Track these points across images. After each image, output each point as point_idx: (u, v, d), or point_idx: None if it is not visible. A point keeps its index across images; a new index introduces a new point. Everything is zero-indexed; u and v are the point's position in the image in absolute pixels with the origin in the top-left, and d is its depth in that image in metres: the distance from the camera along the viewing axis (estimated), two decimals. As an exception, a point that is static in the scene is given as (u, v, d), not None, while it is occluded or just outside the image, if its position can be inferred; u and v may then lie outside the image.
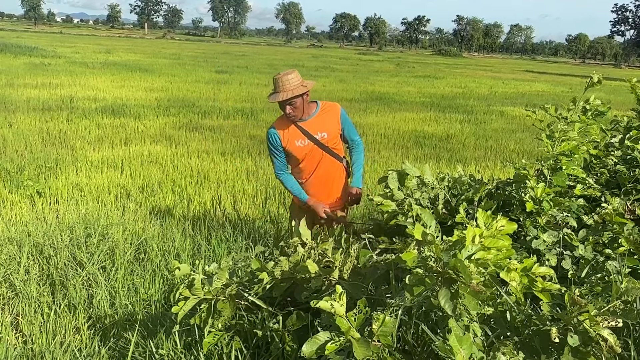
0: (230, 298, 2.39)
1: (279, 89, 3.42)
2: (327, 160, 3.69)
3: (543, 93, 25.54)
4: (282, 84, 3.40)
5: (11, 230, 4.74)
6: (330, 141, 3.65)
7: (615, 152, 3.39)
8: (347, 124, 3.73)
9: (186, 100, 15.41)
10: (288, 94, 3.39)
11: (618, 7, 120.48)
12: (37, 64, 23.87)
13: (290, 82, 3.40)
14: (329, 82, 24.33)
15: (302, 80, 3.47)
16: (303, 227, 2.62)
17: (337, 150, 3.73)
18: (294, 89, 3.40)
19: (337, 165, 3.76)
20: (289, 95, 3.39)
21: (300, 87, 3.42)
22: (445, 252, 1.81)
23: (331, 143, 3.66)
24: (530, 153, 10.44)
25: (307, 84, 3.49)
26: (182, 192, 6.62)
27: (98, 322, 3.49)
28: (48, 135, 9.64)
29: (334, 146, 3.69)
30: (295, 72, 3.47)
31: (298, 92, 3.40)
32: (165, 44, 69.60)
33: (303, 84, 3.45)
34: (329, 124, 3.63)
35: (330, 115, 3.66)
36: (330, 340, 1.84)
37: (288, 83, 3.40)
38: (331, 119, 3.65)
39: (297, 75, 3.46)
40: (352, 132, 3.77)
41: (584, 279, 2.52)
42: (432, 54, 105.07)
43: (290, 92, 3.39)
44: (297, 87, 3.41)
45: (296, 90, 3.40)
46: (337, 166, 3.76)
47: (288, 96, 3.39)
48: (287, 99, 3.40)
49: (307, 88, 3.46)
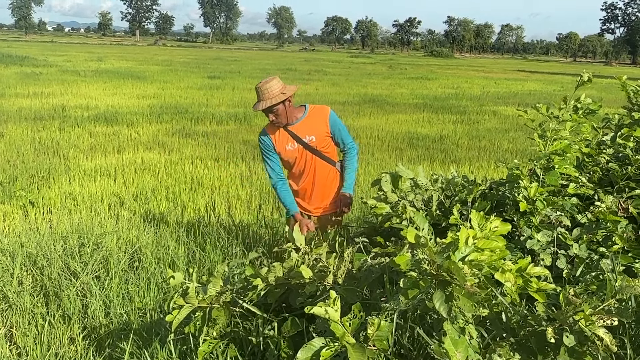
0: (225, 305, 2.37)
1: (261, 97, 3.48)
2: (319, 163, 3.69)
3: (535, 92, 25.65)
4: (262, 92, 3.46)
5: (4, 241, 4.70)
6: (319, 144, 3.65)
7: (607, 150, 3.40)
8: (338, 127, 3.71)
9: (179, 107, 15.39)
10: (267, 103, 3.45)
11: (607, 5, 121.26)
12: (28, 74, 23.79)
13: (270, 91, 3.45)
14: (322, 86, 24.34)
15: (282, 87, 3.50)
16: (297, 233, 2.61)
17: (329, 153, 3.72)
18: (274, 97, 3.45)
19: (330, 168, 3.75)
20: (268, 103, 3.44)
21: (280, 94, 3.46)
22: (438, 254, 1.80)
23: (320, 146, 3.66)
24: (524, 152, 10.47)
25: (287, 91, 3.51)
26: (176, 199, 6.60)
27: (93, 332, 3.46)
28: (40, 145, 9.60)
29: (324, 149, 3.68)
30: (275, 79, 3.51)
31: (277, 100, 3.45)
32: (157, 50, 69.51)
33: (283, 91, 3.48)
34: (317, 126, 3.64)
35: (317, 118, 3.66)
36: (325, 346, 1.83)
37: (267, 92, 3.45)
38: (319, 122, 3.65)
39: (278, 82, 3.50)
40: (344, 135, 3.75)
41: (579, 278, 2.52)
42: (424, 55, 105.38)
43: (269, 100, 3.45)
44: (277, 94, 3.46)
45: (275, 99, 3.45)
46: (329, 169, 3.75)
47: (267, 105, 3.44)
48: (267, 107, 3.45)
49: (287, 95, 3.49)
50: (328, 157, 3.72)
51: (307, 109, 3.69)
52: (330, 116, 3.68)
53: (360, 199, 4.39)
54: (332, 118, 3.69)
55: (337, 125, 3.71)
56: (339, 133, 3.72)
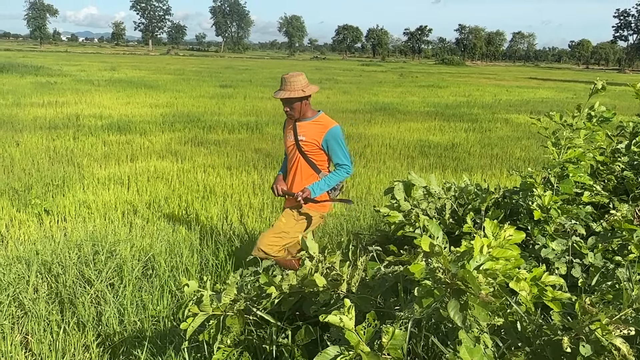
0: (239, 313, 2.38)
1: (283, 87, 3.68)
2: (303, 164, 3.83)
3: (547, 100, 25.50)
4: (286, 83, 3.66)
5: (20, 249, 4.76)
6: (306, 146, 3.77)
7: (622, 158, 3.38)
8: (333, 146, 3.73)
9: (191, 115, 15.49)
10: (286, 94, 3.65)
11: (620, 12, 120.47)
12: (43, 83, 24.08)
13: (293, 84, 3.65)
14: (333, 94, 24.39)
15: (305, 84, 3.69)
16: (310, 241, 2.62)
17: (316, 161, 3.81)
18: (295, 90, 3.64)
19: (312, 173, 3.84)
20: (287, 95, 3.64)
21: (300, 91, 3.65)
22: (453, 263, 1.80)
23: (307, 149, 3.77)
24: (537, 160, 10.41)
25: (308, 90, 3.69)
26: (189, 207, 6.63)
27: (107, 340, 3.48)
28: (55, 154, 9.70)
29: (310, 154, 3.79)
30: (302, 75, 3.70)
31: (295, 95, 3.64)
32: (169, 60, 70.11)
33: (304, 89, 3.66)
34: (313, 133, 3.76)
35: (318, 128, 3.77)
36: (340, 354, 1.83)
37: (291, 84, 3.65)
38: (318, 130, 3.76)
39: (303, 78, 3.70)
40: (337, 156, 3.76)
41: (594, 287, 2.50)
42: (435, 63, 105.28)
43: (289, 92, 3.64)
44: (298, 90, 3.64)
45: (295, 93, 3.64)
46: (311, 174, 3.85)
47: (286, 95, 3.65)
48: (285, 97, 3.65)
49: (306, 93, 3.67)
50: (313, 162, 3.82)
51: (319, 116, 3.82)
52: (329, 132, 3.72)
53: (372, 207, 4.39)
54: (331, 134, 3.72)
55: (332, 143, 3.72)
56: (333, 152, 3.75)
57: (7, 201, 6.49)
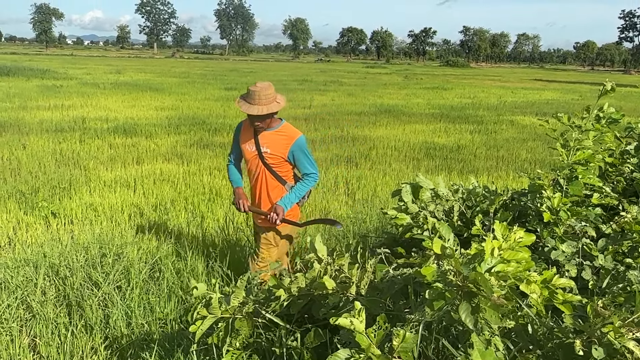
0: (248, 316, 2.38)
1: (256, 101, 3.42)
2: (267, 176, 3.70)
3: (553, 101, 25.44)
4: (260, 97, 3.42)
5: (27, 251, 4.77)
6: (271, 159, 3.63)
7: (631, 160, 3.36)
8: (300, 156, 3.64)
9: (196, 118, 15.52)
10: (264, 109, 3.42)
11: (625, 13, 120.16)
12: (49, 86, 24.19)
13: (268, 97, 3.44)
14: (338, 96, 24.40)
15: (276, 95, 3.51)
16: (319, 243, 2.61)
17: (281, 173, 3.70)
18: (269, 104, 3.44)
19: (278, 185, 3.73)
20: (266, 110, 3.42)
21: (275, 103, 3.47)
22: (464, 266, 1.79)
23: (271, 161, 3.63)
24: (543, 162, 10.38)
25: (282, 101, 3.54)
26: (195, 209, 6.64)
27: (115, 343, 3.48)
28: (61, 156, 9.74)
29: (275, 167, 3.66)
30: (271, 85, 3.52)
31: (273, 110, 3.46)
32: (174, 62, 70.33)
33: (277, 100, 3.50)
34: (277, 145, 3.61)
35: (283, 139, 3.62)
36: (350, 357, 1.82)
37: (266, 98, 3.43)
38: (281, 143, 3.61)
39: (273, 89, 3.51)
40: (303, 166, 3.68)
41: (605, 290, 2.48)
42: (440, 65, 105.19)
43: (266, 107, 3.43)
44: (272, 102, 3.46)
45: (272, 107, 3.45)
46: (277, 186, 3.73)
47: (265, 111, 3.42)
48: (264, 114, 3.43)
49: (282, 105, 3.51)
50: (278, 175, 3.69)
51: (281, 125, 3.66)
52: (295, 143, 3.60)
53: (379, 209, 4.38)
54: (297, 145, 3.61)
55: (299, 154, 3.63)
56: (299, 162, 3.66)
57: (14, 204, 6.51)
